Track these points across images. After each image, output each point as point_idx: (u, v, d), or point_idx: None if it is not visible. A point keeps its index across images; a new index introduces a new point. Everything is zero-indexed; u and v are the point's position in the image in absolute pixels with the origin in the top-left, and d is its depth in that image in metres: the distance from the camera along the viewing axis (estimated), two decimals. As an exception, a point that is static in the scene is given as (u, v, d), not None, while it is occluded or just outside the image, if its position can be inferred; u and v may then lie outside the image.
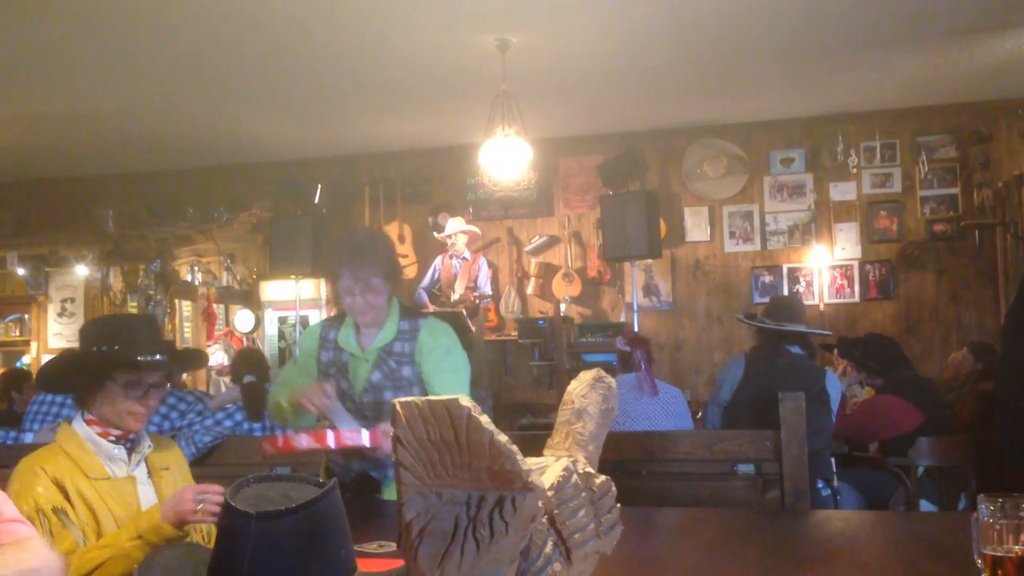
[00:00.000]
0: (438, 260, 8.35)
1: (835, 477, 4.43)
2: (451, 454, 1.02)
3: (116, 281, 9.00)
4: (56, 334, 9.17)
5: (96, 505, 2.34)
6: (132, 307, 8.65)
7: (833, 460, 4.50)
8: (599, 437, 1.46)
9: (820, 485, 4.28)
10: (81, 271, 9.03)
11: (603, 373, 1.52)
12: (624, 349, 4.59)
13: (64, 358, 2.54)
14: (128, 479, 2.45)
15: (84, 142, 8.25)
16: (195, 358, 3.91)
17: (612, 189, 8.30)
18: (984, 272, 7.95)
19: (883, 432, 4.98)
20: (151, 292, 8.68)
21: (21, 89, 6.75)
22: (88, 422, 2.45)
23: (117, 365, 2.41)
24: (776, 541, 2.49)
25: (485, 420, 1.01)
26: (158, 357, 2.43)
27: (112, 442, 2.46)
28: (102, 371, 2.42)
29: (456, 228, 8.20)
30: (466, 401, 1.01)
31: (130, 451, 2.49)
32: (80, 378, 2.44)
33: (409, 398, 1.01)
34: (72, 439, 2.42)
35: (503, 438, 1.02)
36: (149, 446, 2.55)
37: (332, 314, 8.33)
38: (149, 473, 2.52)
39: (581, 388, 1.47)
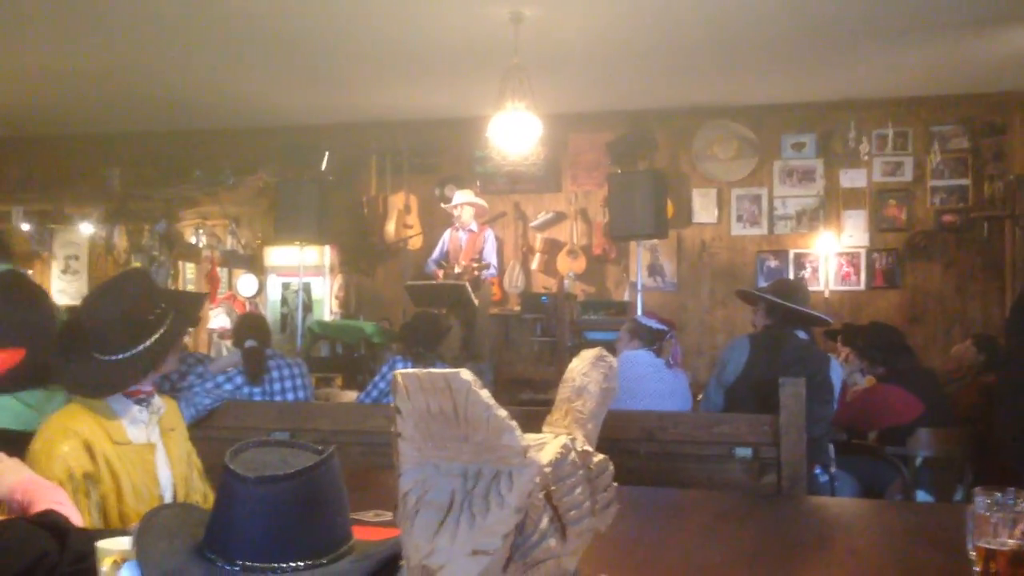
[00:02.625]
0: (447, 233, 8.33)
1: (833, 464, 4.45)
2: (450, 427, 1.03)
3: (120, 240, 9.02)
4: (60, 291, 9.20)
5: (118, 470, 2.29)
6: (136, 267, 8.66)
7: (832, 447, 4.51)
8: (598, 415, 1.46)
9: (818, 471, 4.29)
10: (85, 229, 9.03)
11: (605, 352, 1.52)
12: (658, 327, 4.61)
13: (170, 333, 2.40)
14: (148, 446, 2.40)
15: (92, 99, 8.23)
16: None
17: (620, 167, 8.27)
18: (991, 265, 7.93)
19: (883, 421, 4.99)
20: (155, 253, 8.69)
21: (31, 45, 6.72)
22: None
23: (197, 310, 2.43)
24: (770, 526, 2.51)
25: (485, 394, 1.02)
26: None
27: (137, 403, 2.39)
28: (184, 326, 2.42)
29: (463, 199, 8.17)
30: (466, 375, 1.02)
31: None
32: (163, 347, 2.36)
33: (410, 370, 1.01)
34: (98, 400, 2.35)
35: (502, 413, 1.03)
36: (162, 406, 2.49)
37: (335, 281, 8.26)
38: (160, 434, 2.47)
39: (583, 366, 1.48)
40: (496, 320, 8.36)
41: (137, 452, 2.36)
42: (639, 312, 6.43)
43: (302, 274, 7.73)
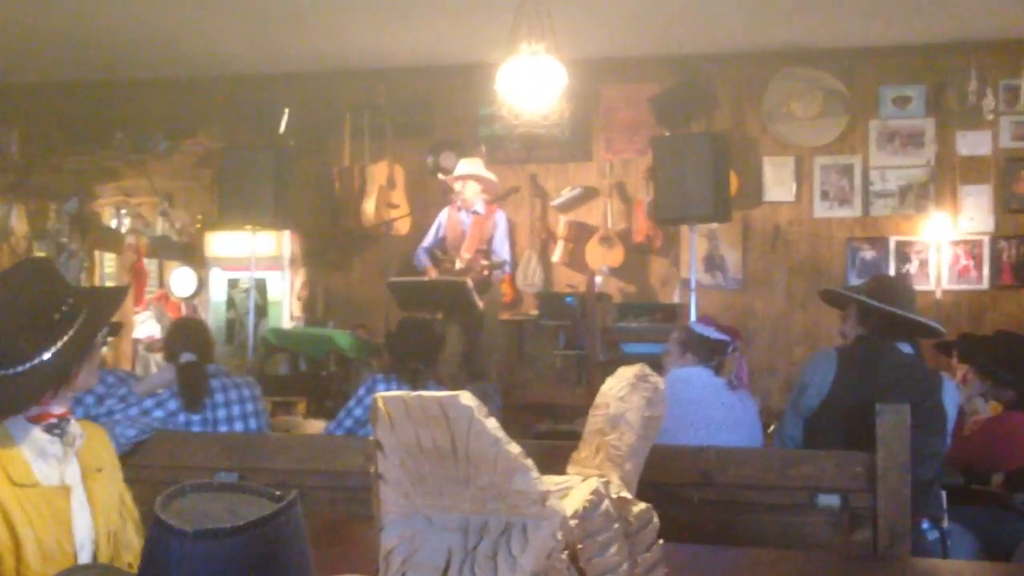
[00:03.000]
0: (444, 213, 8.33)
1: (946, 516, 4.43)
2: (446, 466, 1.03)
3: (19, 223, 9.04)
4: (-60, 290, 9.23)
5: (17, 520, 2.25)
6: (37, 256, 8.68)
7: (944, 494, 4.50)
8: (639, 452, 1.46)
9: (926, 526, 4.29)
10: (-26, 209, 9.07)
11: (648, 370, 1.53)
12: (718, 337, 4.62)
13: (77, 341, 2.37)
14: (61, 489, 2.36)
15: (-17, 41, 8.26)
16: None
17: (669, 129, 8.26)
18: None
19: (1011, 460, 4.97)
20: (63, 240, 8.72)
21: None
22: None
23: (116, 305, 2.44)
24: (864, 596, 2.51)
25: (492, 424, 1.02)
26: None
27: (46, 430, 2.36)
28: (99, 325, 2.42)
29: (468, 171, 8.15)
30: (468, 399, 1.02)
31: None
32: (75, 352, 2.35)
33: (397, 392, 1.02)
34: None
35: (514, 449, 1.03)
36: (81, 435, 2.46)
37: (297, 277, 8.33)
38: (82, 475, 2.44)
39: (619, 388, 1.48)
40: (506, 328, 8.35)
41: (45, 497, 2.33)
42: (693, 318, 6.42)
43: (254, 268, 7.75)
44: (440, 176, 8.58)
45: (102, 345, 2.43)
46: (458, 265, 7.99)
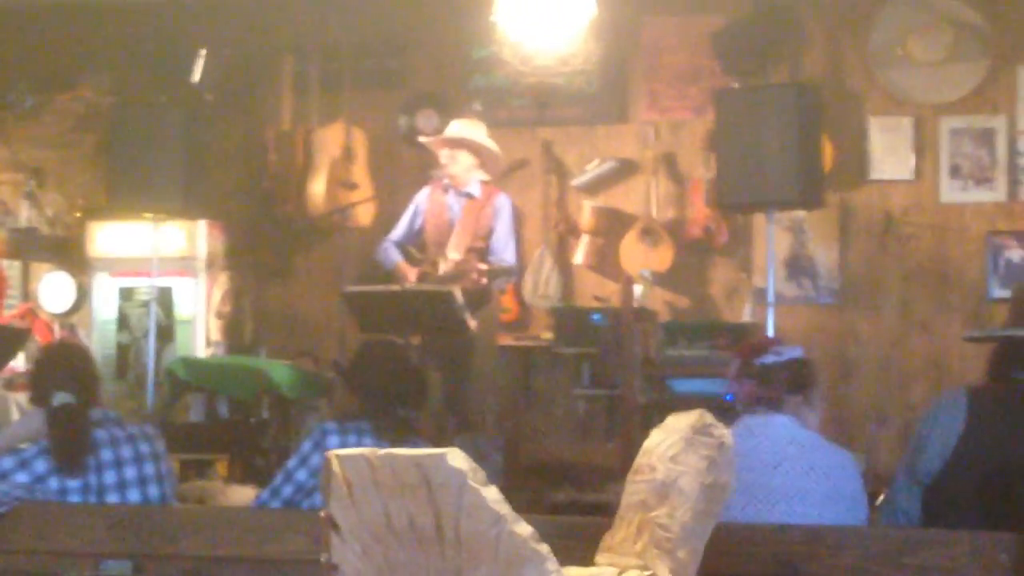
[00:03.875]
0: (422, 195, 8.27)
1: None
2: (428, 554, 1.04)
3: None
4: None
5: None
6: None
7: None
8: (698, 534, 1.47)
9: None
10: None
11: (711, 418, 1.53)
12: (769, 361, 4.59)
13: None
14: None
15: None
16: None
17: (738, 78, 8.27)
18: None
19: None
20: None
21: None
22: None
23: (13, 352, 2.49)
24: None
25: (491, 495, 1.03)
26: None
27: None
28: None
29: (461, 134, 8.09)
30: (458, 460, 1.03)
31: None
32: None
33: (359, 449, 1.03)
34: None
35: (523, 529, 1.04)
36: None
37: (218, 285, 8.39)
38: None
39: (669, 445, 1.49)
40: (509, 357, 8.37)
41: None
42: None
43: (157, 272, 7.76)
44: (421, 139, 8.51)
45: None
46: (442, 268, 7.93)
